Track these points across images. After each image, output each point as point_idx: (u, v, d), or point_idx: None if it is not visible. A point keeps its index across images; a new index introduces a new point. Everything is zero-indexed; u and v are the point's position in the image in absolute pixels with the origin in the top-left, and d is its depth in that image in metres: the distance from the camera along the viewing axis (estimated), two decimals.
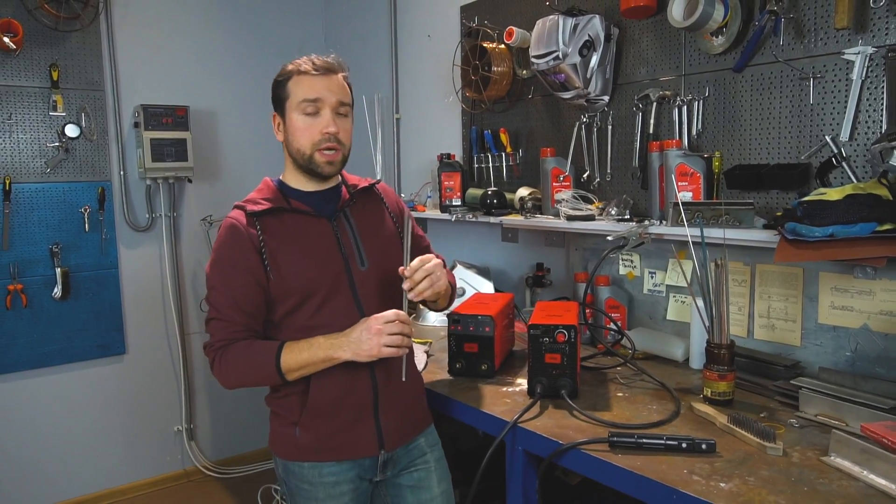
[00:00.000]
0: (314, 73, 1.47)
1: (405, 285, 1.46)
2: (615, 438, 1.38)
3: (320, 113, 1.46)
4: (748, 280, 1.87)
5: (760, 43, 1.76)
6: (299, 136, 1.47)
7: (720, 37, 1.84)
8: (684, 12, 1.81)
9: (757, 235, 1.65)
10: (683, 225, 1.77)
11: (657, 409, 1.60)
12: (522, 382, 1.83)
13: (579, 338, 1.69)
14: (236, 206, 1.51)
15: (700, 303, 1.68)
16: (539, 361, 1.67)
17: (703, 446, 1.34)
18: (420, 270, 1.46)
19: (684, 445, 1.35)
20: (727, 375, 1.60)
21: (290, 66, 1.50)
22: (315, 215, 1.51)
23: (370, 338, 1.39)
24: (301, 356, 1.43)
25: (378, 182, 1.66)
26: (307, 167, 1.50)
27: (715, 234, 1.67)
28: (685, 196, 1.86)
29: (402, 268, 1.47)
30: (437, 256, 1.75)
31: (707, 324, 1.63)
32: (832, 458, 1.30)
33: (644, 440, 1.37)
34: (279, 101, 1.51)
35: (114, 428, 3.27)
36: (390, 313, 1.42)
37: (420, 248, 1.70)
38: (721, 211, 1.75)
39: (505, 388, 1.79)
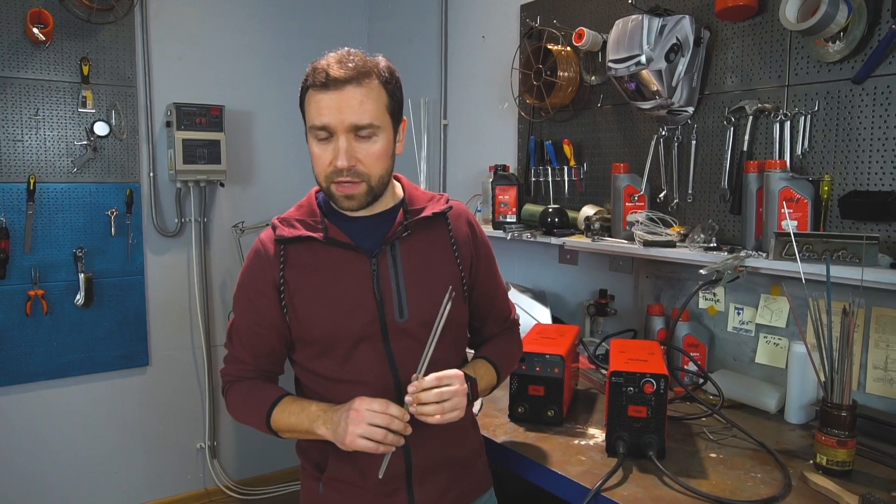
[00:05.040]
0: (321, 87, 1.15)
1: (407, 399, 1.15)
2: None
3: (332, 139, 1.17)
4: (861, 325, 1.61)
5: (889, 50, 1.51)
6: (315, 166, 1.21)
7: (838, 42, 1.58)
8: (799, 13, 1.56)
9: (889, 276, 1.40)
10: (791, 258, 1.53)
11: (762, 479, 1.36)
12: (595, 433, 1.59)
13: (669, 385, 1.45)
14: (271, 224, 1.29)
15: (807, 347, 1.44)
16: (620, 414, 1.44)
17: None
18: (431, 393, 1.15)
19: None
20: (848, 442, 1.36)
21: (308, 72, 1.19)
22: (353, 248, 1.23)
23: (347, 424, 1.13)
24: (290, 419, 1.22)
25: (449, 209, 1.31)
26: (331, 200, 1.24)
27: (836, 273, 1.42)
28: (790, 225, 1.61)
29: (414, 377, 1.17)
30: (512, 313, 1.49)
31: (824, 378, 1.39)
32: None
33: None
34: (304, 118, 1.23)
35: (134, 443, 3.09)
36: (379, 403, 1.13)
37: (488, 295, 1.40)
38: (838, 244, 1.50)
39: (577, 441, 1.55)
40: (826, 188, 1.65)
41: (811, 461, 1.42)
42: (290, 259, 1.24)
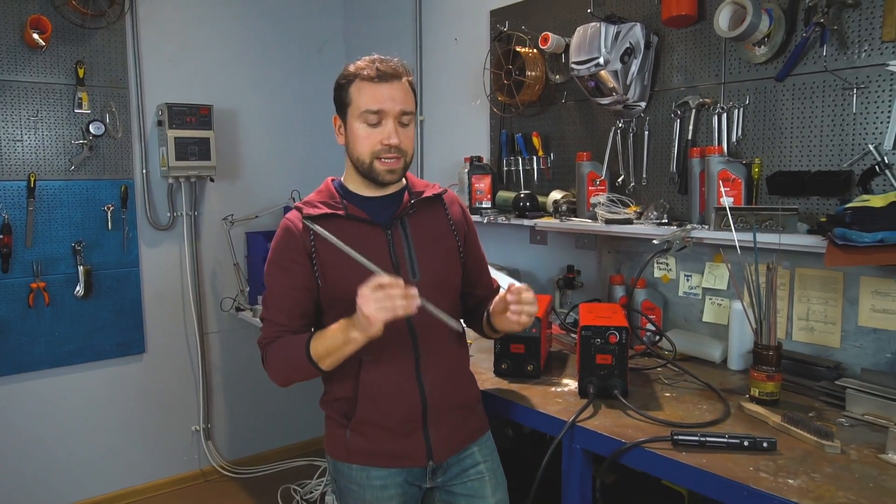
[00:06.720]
0: (376, 80, 1.41)
1: (512, 307, 1.44)
2: (679, 437, 1.42)
3: (382, 123, 1.43)
4: (787, 283, 1.92)
5: (803, 53, 1.82)
6: (359, 145, 1.45)
7: (762, 47, 1.89)
8: (730, 22, 1.86)
9: (805, 240, 1.70)
10: (728, 229, 1.82)
11: (708, 409, 1.65)
12: (569, 383, 1.86)
13: (630, 339, 1.73)
14: (295, 207, 1.52)
15: (743, 305, 1.73)
16: (590, 362, 1.70)
17: (765, 444, 1.39)
18: (530, 294, 1.45)
19: (746, 443, 1.39)
20: (775, 376, 1.65)
21: (353, 69, 1.45)
22: (370, 223, 1.49)
23: (361, 310, 1.27)
24: (326, 342, 1.41)
25: (444, 192, 1.61)
26: (367, 175, 1.48)
27: (762, 238, 1.72)
28: (727, 201, 1.90)
29: (510, 285, 1.46)
30: (494, 284, 1.76)
31: (754, 326, 1.68)
32: (890, 455, 1.35)
33: (707, 438, 1.41)
34: (341, 105, 1.48)
35: (132, 427, 3.26)
36: (373, 281, 1.27)
37: (477, 265, 1.67)
38: (765, 216, 1.80)
39: (554, 389, 1.82)
40: (756, 169, 1.95)
41: (747, 395, 1.71)
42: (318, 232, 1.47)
